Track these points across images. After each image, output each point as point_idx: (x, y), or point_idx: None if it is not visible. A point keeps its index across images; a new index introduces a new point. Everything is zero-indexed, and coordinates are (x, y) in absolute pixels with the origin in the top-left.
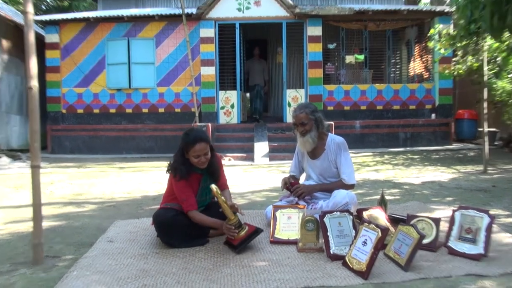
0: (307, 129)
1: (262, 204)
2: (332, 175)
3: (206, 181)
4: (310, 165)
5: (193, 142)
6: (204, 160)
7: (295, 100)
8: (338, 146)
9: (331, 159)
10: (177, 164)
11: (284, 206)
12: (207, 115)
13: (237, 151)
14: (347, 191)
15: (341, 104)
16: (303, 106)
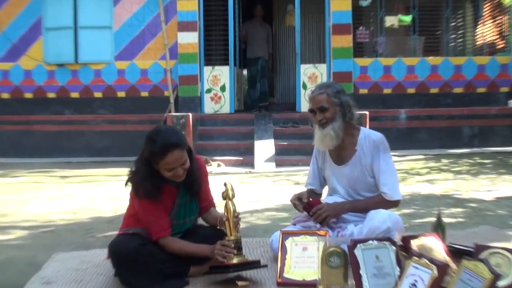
0: (329, 117)
1: (265, 229)
2: (366, 188)
3: (184, 196)
4: (335, 174)
5: (162, 151)
6: (181, 173)
7: (312, 80)
8: (376, 145)
9: (365, 164)
10: (140, 178)
11: (298, 232)
12: (187, 101)
13: (229, 153)
14: (388, 212)
15: (379, 86)
16: (324, 86)
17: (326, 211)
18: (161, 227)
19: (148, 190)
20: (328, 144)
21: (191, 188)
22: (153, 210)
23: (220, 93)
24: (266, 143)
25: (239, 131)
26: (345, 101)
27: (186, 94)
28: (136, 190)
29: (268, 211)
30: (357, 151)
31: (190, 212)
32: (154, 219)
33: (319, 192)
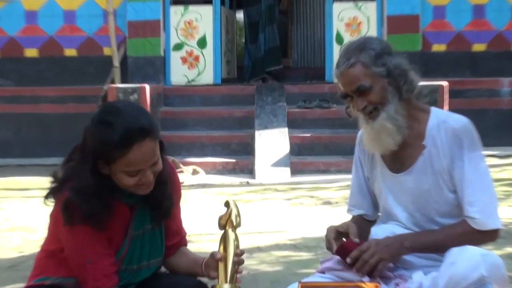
0: (376, 101)
1: (274, 279)
2: (444, 210)
3: (142, 223)
4: (391, 187)
5: (124, 143)
6: (150, 178)
7: (353, 30)
8: (457, 137)
9: (440, 168)
10: (78, 190)
11: (328, 285)
12: (142, 64)
13: (213, 152)
14: (481, 250)
15: (464, 39)
16: (354, 50)
17: (375, 253)
18: (103, 272)
19: (90, 210)
20: (387, 144)
21: (158, 210)
22: (93, 244)
23: (197, 50)
24: (275, 135)
25: (231, 114)
26: (395, 65)
27: (141, 52)
28: (67, 211)
29: (278, 249)
30: (426, 148)
31: (151, 251)
32: (93, 259)
33: (372, 219)
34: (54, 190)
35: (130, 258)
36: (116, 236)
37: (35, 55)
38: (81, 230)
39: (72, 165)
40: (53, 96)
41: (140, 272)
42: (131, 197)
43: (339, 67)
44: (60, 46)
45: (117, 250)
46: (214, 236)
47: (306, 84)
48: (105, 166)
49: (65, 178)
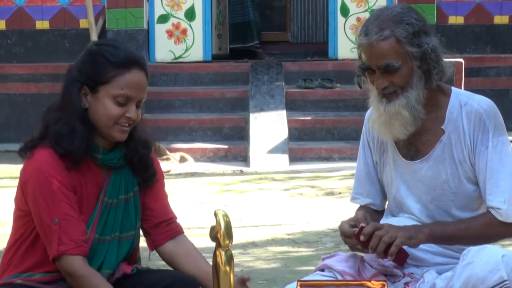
0: (400, 84)
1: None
2: (463, 203)
3: (116, 190)
4: (404, 177)
5: (125, 63)
6: (134, 115)
7: (359, 0)
8: (480, 121)
9: (460, 156)
10: (59, 118)
11: (329, 283)
12: (123, 39)
13: (203, 137)
14: (502, 251)
15: (485, 10)
16: (389, 19)
17: (390, 231)
18: (71, 237)
19: (72, 142)
20: (397, 132)
21: (144, 171)
22: (61, 202)
23: (185, 23)
24: (272, 119)
25: (222, 95)
26: (432, 48)
27: (121, 25)
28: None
29: (275, 244)
30: (446, 134)
31: (124, 223)
32: (61, 220)
33: (380, 209)
34: (32, 142)
35: (102, 228)
36: (88, 200)
37: (2, 27)
38: (52, 181)
39: (53, 108)
40: (24, 74)
41: (112, 244)
42: (105, 159)
43: (369, 36)
44: (30, 17)
45: (89, 217)
46: (205, 230)
47: (306, 61)
48: (89, 95)
49: (47, 125)
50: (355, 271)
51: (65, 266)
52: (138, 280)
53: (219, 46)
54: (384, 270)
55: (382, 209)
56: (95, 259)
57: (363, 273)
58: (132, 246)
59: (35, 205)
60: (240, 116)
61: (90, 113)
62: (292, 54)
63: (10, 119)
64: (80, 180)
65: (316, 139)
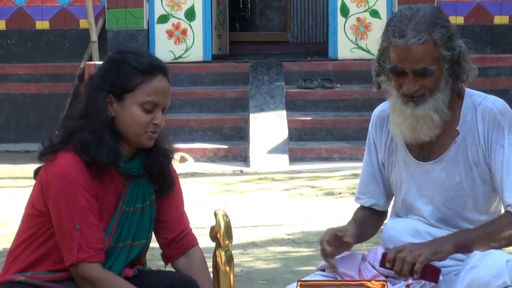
0: (431, 87)
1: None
2: (475, 205)
3: (134, 198)
4: (416, 178)
5: (150, 69)
6: (161, 121)
7: (359, 0)
8: (495, 121)
9: (473, 156)
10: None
11: (329, 283)
12: (123, 39)
13: (203, 137)
14: (506, 256)
15: (484, 10)
16: (425, 21)
17: (413, 250)
18: (91, 245)
19: (100, 151)
20: (423, 135)
21: (163, 181)
22: (84, 210)
23: (185, 23)
24: (272, 119)
25: (222, 95)
26: (464, 51)
27: (121, 25)
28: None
29: (275, 245)
30: (460, 135)
31: (137, 232)
32: (82, 227)
33: (383, 210)
34: (54, 147)
35: (118, 235)
36: (107, 207)
37: (2, 27)
38: (76, 187)
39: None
40: (24, 74)
41: (123, 251)
42: (126, 167)
43: (406, 38)
44: (30, 18)
45: (107, 224)
46: (205, 230)
47: (306, 61)
48: (115, 103)
49: (70, 132)
50: (355, 271)
51: (83, 273)
52: (139, 281)
53: (219, 46)
54: (386, 272)
55: (385, 210)
56: (104, 264)
57: (364, 273)
58: (140, 253)
59: (57, 209)
60: (240, 116)
61: (116, 121)
62: (292, 54)
63: (10, 119)
64: (101, 188)
65: (316, 139)
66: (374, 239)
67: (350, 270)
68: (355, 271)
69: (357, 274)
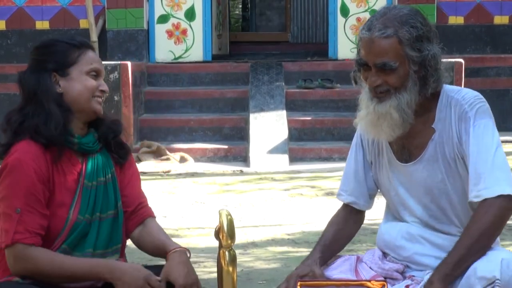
0: (395, 85)
1: (271, 278)
2: (460, 200)
3: (94, 173)
4: (400, 178)
5: (83, 43)
6: (106, 87)
7: (359, 0)
8: (463, 111)
9: (451, 151)
10: (47, 114)
11: (329, 283)
12: (123, 39)
13: (203, 137)
14: (503, 253)
15: (485, 11)
16: (395, 18)
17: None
18: (28, 227)
19: (49, 126)
20: (383, 134)
21: (116, 147)
22: (29, 193)
23: (185, 23)
24: (272, 119)
25: (222, 95)
26: (432, 56)
27: (121, 25)
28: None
29: (275, 245)
30: (436, 133)
31: (104, 204)
32: (23, 210)
33: (362, 209)
34: (7, 144)
35: (85, 209)
36: (66, 186)
37: (2, 27)
38: (27, 171)
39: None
40: None
41: (94, 224)
42: (84, 141)
43: (372, 31)
44: (30, 18)
45: (70, 200)
46: (205, 230)
47: (306, 62)
48: (61, 80)
49: (19, 124)
50: (351, 273)
51: (18, 253)
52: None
53: (219, 46)
54: (384, 273)
55: (364, 210)
56: (76, 239)
57: (361, 274)
58: (113, 226)
59: (5, 191)
60: (240, 116)
61: (65, 96)
62: (292, 54)
63: None
64: (58, 170)
65: (316, 139)
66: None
67: (346, 273)
68: (352, 273)
69: (354, 275)
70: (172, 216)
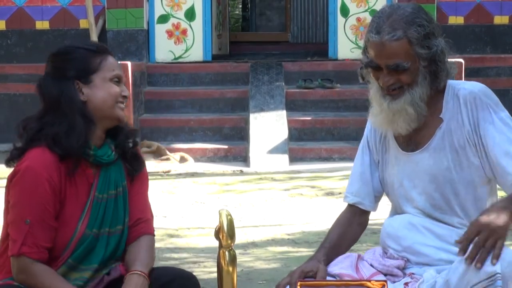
0: (407, 82)
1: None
2: (466, 189)
3: (106, 185)
4: (405, 169)
5: (102, 49)
6: (127, 92)
7: (359, 0)
8: (478, 100)
9: (459, 140)
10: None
11: (329, 283)
12: (123, 39)
13: (203, 137)
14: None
15: (485, 11)
16: (402, 19)
17: (489, 235)
18: (35, 241)
19: (70, 137)
20: (400, 129)
21: (135, 160)
22: (40, 205)
23: (185, 23)
24: (272, 119)
25: (222, 95)
26: (439, 51)
27: (121, 25)
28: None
29: (275, 245)
30: (444, 122)
31: (113, 219)
32: (33, 222)
33: (368, 209)
34: (20, 149)
35: (94, 223)
36: (78, 197)
37: (2, 27)
38: (40, 181)
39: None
40: (24, 74)
41: (102, 239)
42: (100, 153)
43: (381, 34)
44: (30, 18)
45: (80, 213)
46: (205, 230)
47: (306, 61)
48: (84, 88)
49: (37, 131)
50: (352, 270)
51: (21, 266)
52: None
53: (219, 46)
54: (385, 269)
55: (370, 210)
56: (82, 253)
57: (362, 272)
58: (120, 241)
59: (15, 198)
60: (240, 116)
61: (88, 103)
62: (292, 54)
63: (10, 119)
64: (71, 181)
65: (316, 139)
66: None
67: (347, 270)
68: (352, 269)
69: (355, 272)
70: (172, 216)
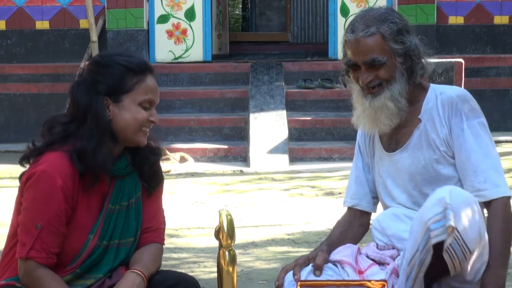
0: (385, 78)
1: (270, 277)
2: (443, 186)
3: (119, 197)
4: (388, 169)
5: (143, 68)
6: (157, 118)
7: (359, 1)
8: (454, 105)
9: (435, 140)
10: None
11: (330, 283)
12: (123, 39)
13: (203, 137)
14: (452, 187)
15: (485, 11)
16: (375, 18)
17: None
18: (45, 246)
19: (95, 157)
20: (383, 125)
21: (153, 177)
22: (53, 211)
23: (185, 23)
24: (272, 119)
25: (222, 95)
26: (415, 45)
27: (121, 25)
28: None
29: (275, 245)
30: (422, 122)
31: (124, 230)
32: (44, 227)
33: (368, 210)
34: (39, 149)
35: (104, 234)
36: (90, 208)
37: (2, 27)
38: (55, 187)
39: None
40: (24, 74)
41: (111, 250)
42: (117, 166)
43: (356, 33)
44: (30, 18)
45: (93, 224)
46: (205, 230)
47: (306, 62)
48: (111, 106)
49: (62, 137)
50: (352, 259)
51: (28, 269)
52: None
53: (219, 46)
54: (378, 257)
55: (369, 211)
56: (91, 264)
57: (360, 264)
58: (129, 253)
59: (28, 202)
60: (240, 116)
61: (114, 123)
62: (292, 54)
63: (10, 120)
64: (86, 191)
65: (316, 139)
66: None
67: (347, 258)
68: (353, 259)
69: (354, 262)
70: (172, 216)
